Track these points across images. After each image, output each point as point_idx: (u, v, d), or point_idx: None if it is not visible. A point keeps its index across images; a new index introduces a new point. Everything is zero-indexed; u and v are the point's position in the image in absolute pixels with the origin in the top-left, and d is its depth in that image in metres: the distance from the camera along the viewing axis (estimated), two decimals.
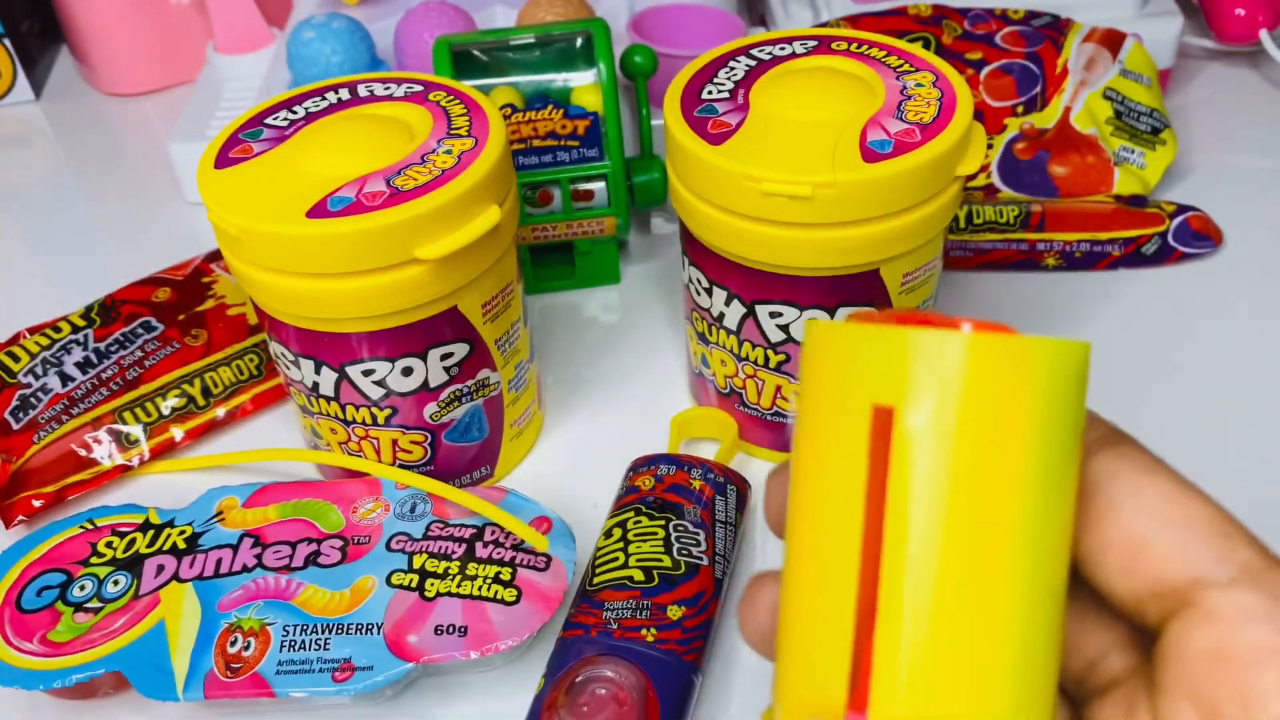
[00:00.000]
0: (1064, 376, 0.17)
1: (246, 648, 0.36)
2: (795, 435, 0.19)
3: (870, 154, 0.36)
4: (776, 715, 0.19)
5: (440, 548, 0.38)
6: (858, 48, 0.41)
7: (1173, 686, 0.18)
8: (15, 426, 0.46)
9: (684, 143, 0.38)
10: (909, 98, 0.38)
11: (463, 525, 0.39)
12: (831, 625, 0.17)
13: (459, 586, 0.37)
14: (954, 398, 0.17)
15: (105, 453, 0.45)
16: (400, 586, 0.38)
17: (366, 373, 0.39)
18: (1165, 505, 0.18)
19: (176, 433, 0.47)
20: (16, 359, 0.49)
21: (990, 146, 0.57)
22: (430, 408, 0.40)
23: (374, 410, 0.40)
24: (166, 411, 0.47)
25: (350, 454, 0.42)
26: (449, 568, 0.38)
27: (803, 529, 0.18)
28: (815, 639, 0.18)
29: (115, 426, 0.46)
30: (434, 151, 0.37)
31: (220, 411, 0.48)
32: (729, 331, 0.41)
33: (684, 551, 0.38)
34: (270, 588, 0.38)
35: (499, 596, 0.37)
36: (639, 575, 0.37)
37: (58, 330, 0.50)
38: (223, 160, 0.38)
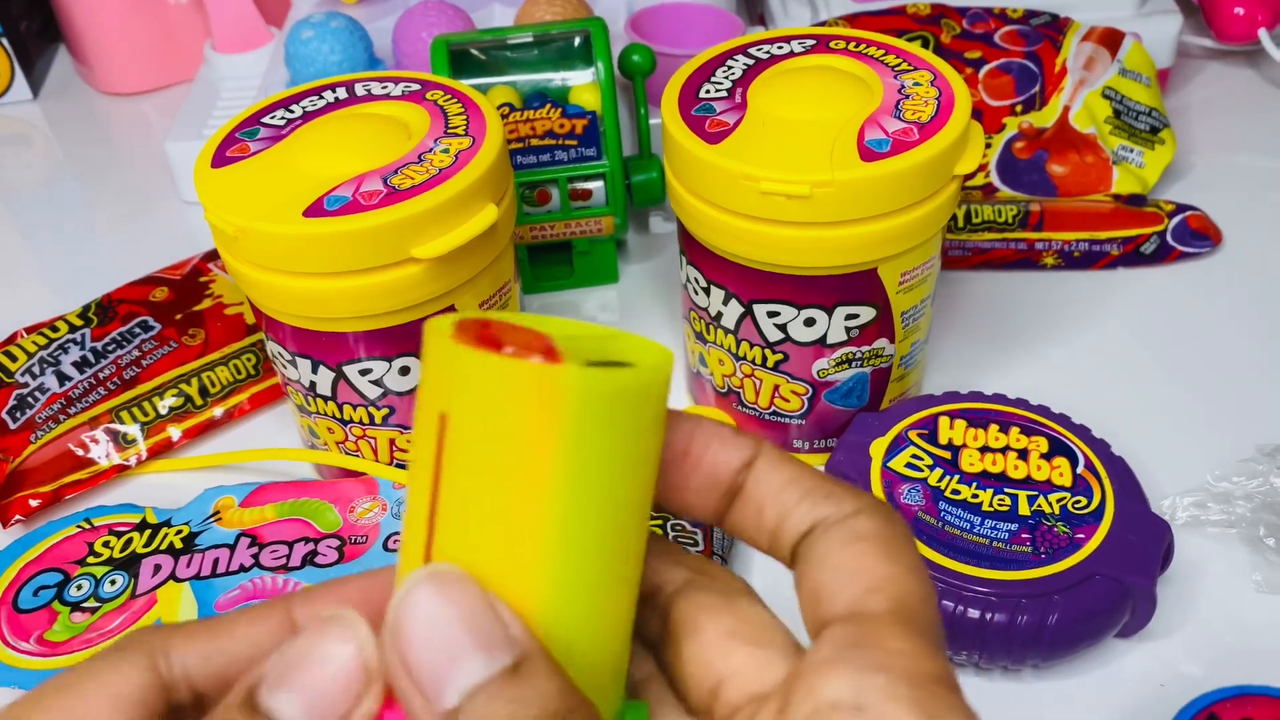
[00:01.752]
0: (593, 402, 0.18)
1: None
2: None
3: (868, 153, 0.36)
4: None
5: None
6: (856, 46, 0.41)
7: None
8: (12, 426, 0.46)
9: (682, 142, 0.38)
10: (907, 97, 0.38)
11: None
12: (415, 527, 0.19)
13: None
14: (474, 406, 0.18)
15: (102, 452, 0.45)
16: None
17: (364, 372, 0.39)
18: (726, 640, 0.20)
19: (174, 432, 0.46)
20: (14, 358, 0.49)
21: (989, 145, 0.57)
22: None
23: (371, 410, 0.40)
24: (164, 411, 0.47)
25: (348, 453, 0.42)
26: None
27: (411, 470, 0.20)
28: (410, 533, 0.19)
29: (112, 426, 0.46)
30: (431, 150, 0.37)
31: (218, 411, 0.47)
32: (727, 331, 0.41)
33: None
34: (267, 587, 0.38)
35: None
36: None
37: (55, 330, 0.50)
38: (220, 159, 0.38)
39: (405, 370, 0.39)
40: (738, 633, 0.20)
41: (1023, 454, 0.39)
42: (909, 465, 0.39)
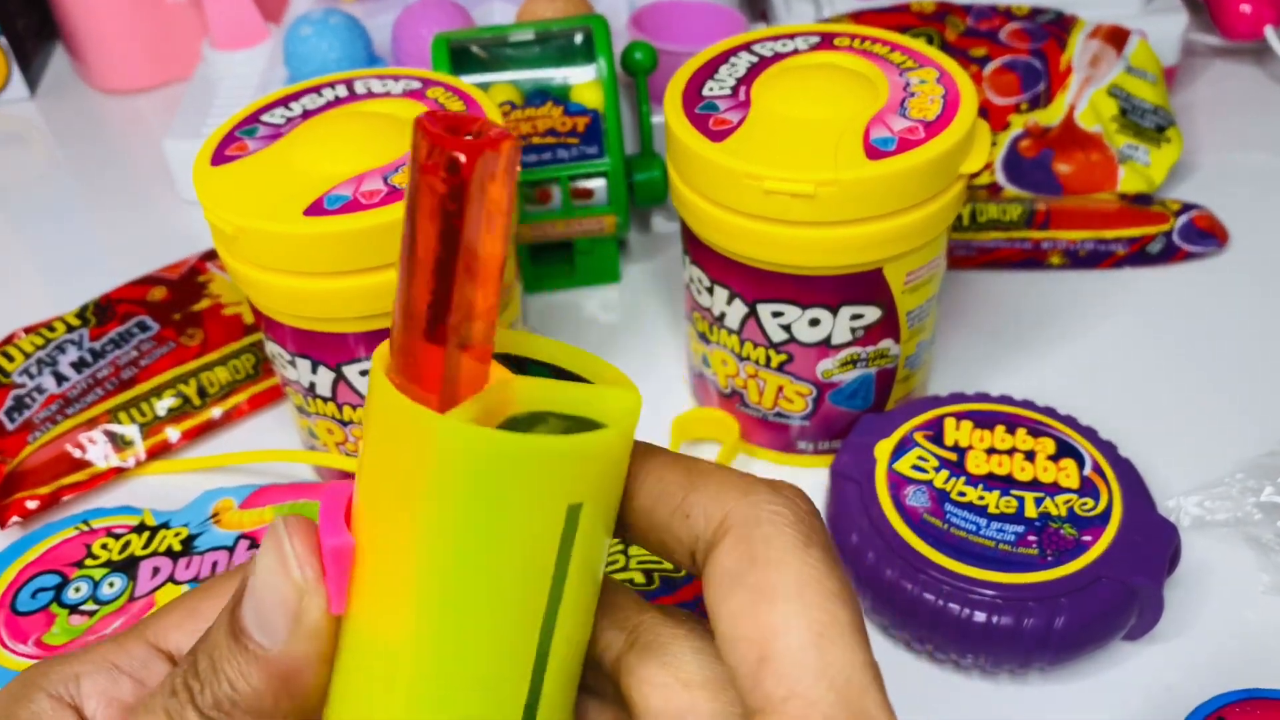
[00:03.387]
0: (464, 460, 0.17)
1: None
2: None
3: (874, 151, 0.36)
4: None
5: None
6: (861, 44, 0.41)
7: None
8: (10, 427, 0.46)
9: (685, 140, 0.37)
10: (912, 94, 0.38)
11: None
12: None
13: None
14: (376, 433, 0.18)
15: (100, 454, 0.45)
16: None
17: (363, 373, 0.38)
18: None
19: (172, 433, 0.46)
20: (11, 359, 0.48)
21: (994, 144, 0.56)
22: None
23: None
24: (162, 412, 0.46)
25: (347, 455, 0.42)
26: None
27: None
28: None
29: (110, 427, 0.45)
30: None
31: (216, 412, 0.47)
32: (730, 331, 0.41)
33: None
34: None
35: None
36: (639, 578, 0.37)
37: (52, 330, 0.49)
38: (219, 158, 0.37)
39: None
40: (684, 699, 0.19)
41: (1029, 455, 0.39)
42: (915, 467, 0.39)
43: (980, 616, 0.35)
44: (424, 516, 0.18)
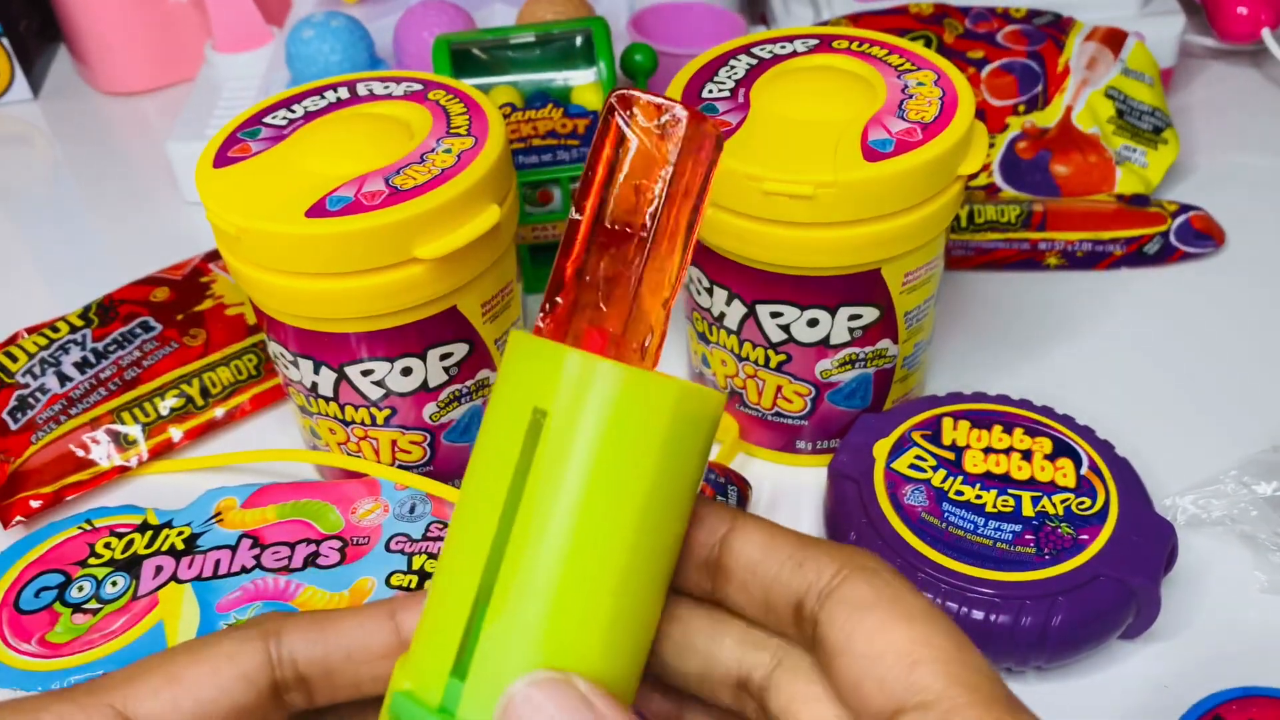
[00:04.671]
0: (691, 418, 0.20)
1: None
2: (479, 430, 0.21)
3: (872, 153, 0.36)
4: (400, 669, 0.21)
5: (440, 549, 0.38)
6: (859, 46, 0.41)
7: None
8: (13, 427, 0.46)
9: None
10: (910, 97, 0.38)
11: None
12: (455, 600, 0.20)
13: None
14: (590, 415, 0.19)
15: (103, 453, 0.45)
16: (400, 588, 0.37)
17: (365, 373, 0.39)
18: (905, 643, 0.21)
19: (175, 433, 0.46)
20: (14, 359, 0.48)
21: (992, 145, 0.57)
22: (429, 408, 0.40)
23: (373, 410, 0.40)
24: (165, 412, 0.47)
25: (349, 454, 0.42)
26: None
27: (460, 509, 0.21)
28: (442, 609, 0.20)
29: (113, 427, 0.46)
30: (433, 151, 0.37)
31: (219, 412, 0.47)
32: (729, 331, 0.41)
33: None
34: (269, 589, 0.38)
35: None
36: None
37: (56, 330, 0.50)
38: (221, 159, 0.38)
39: (407, 371, 0.39)
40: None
41: (1026, 455, 0.39)
42: (912, 466, 0.39)
43: (978, 615, 0.35)
44: (650, 471, 0.20)
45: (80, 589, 0.39)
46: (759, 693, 0.22)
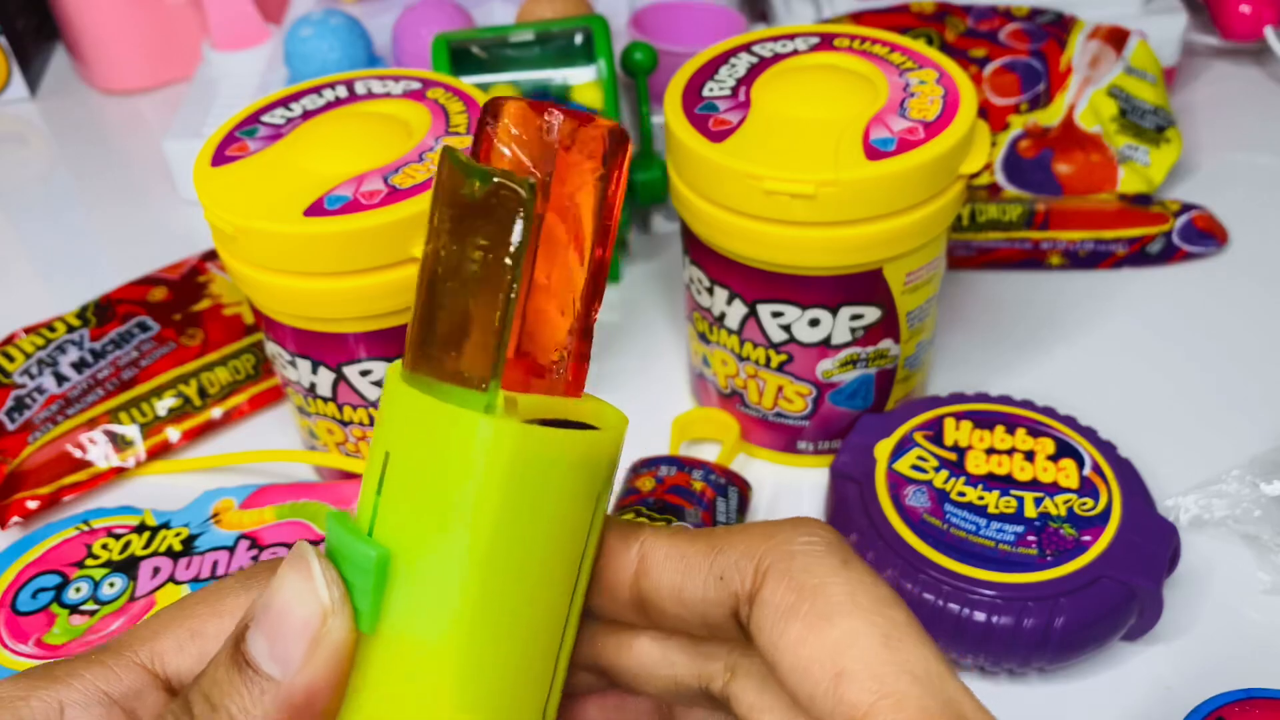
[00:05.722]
0: (536, 458, 0.18)
1: None
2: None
3: (873, 152, 0.36)
4: None
5: None
6: (860, 44, 0.41)
7: None
8: (10, 427, 0.46)
9: (685, 140, 0.37)
10: (912, 95, 0.38)
11: None
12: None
13: None
14: (414, 455, 0.18)
15: (101, 454, 0.45)
16: None
17: (364, 373, 0.39)
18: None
19: (172, 433, 0.46)
20: (11, 359, 0.48)
21: (994, 144, 0.56)
22: None
23: (371, 411, 0.40)
24: (162, 412, 0.46)
25: (347, 455, 0.42)
26: None
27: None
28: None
29: (111, 427, 0.46)
30: (432, 149, 0.37)
31: (217, 412, 0.47)
32: (730, 331, 0.41)
33: None
34: None
35: None
36: None
37: (53, 330, 0.49)
38: (219, 158, 0.37)
39: None
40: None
41: (1029, 456, 0.39)
42: (914, 467, 0.39)
43: (980, 616, 0.35)
44: (484, 516, 0.18)
45: (78, 590, 0.38)
46: (724, 703, 0.21)
